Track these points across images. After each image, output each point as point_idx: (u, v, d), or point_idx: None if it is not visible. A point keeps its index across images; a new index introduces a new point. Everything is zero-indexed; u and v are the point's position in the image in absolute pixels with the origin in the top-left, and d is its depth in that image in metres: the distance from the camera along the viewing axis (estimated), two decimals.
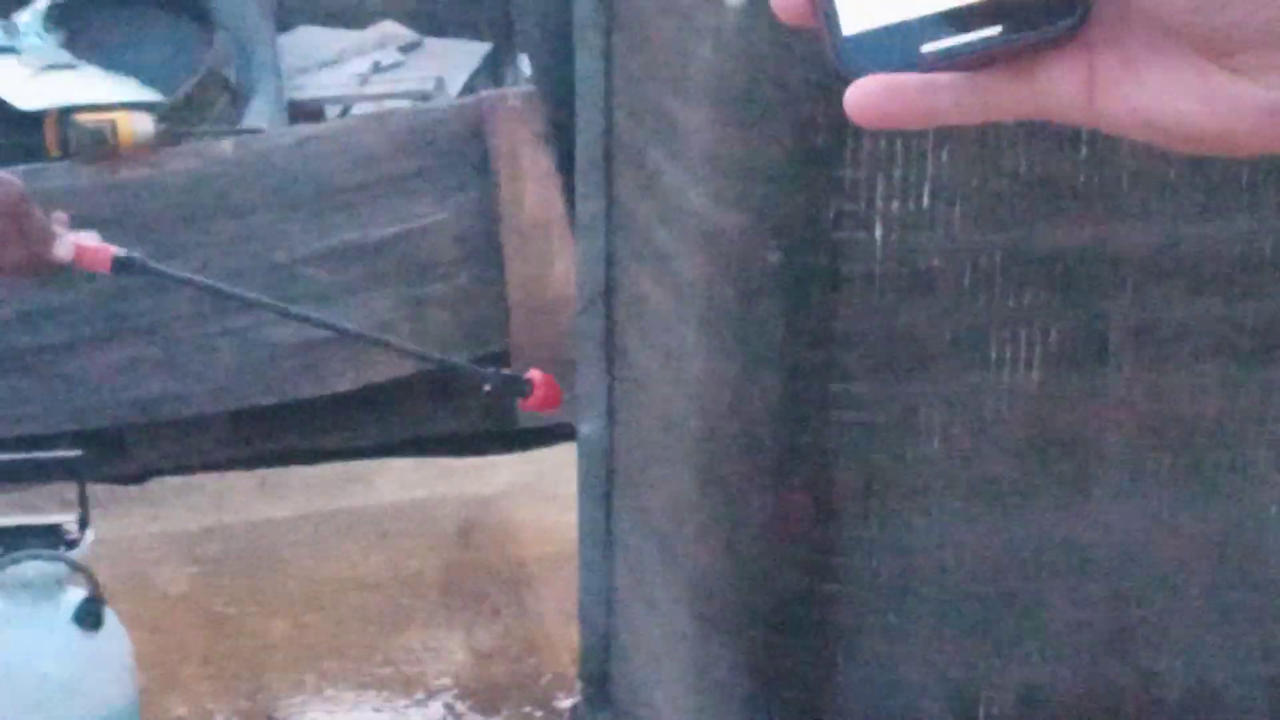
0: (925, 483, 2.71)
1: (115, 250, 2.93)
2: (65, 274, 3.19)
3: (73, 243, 2.92)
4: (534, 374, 2.89)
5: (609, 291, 3.11)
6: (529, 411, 4.25)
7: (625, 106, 3.01)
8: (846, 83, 0.84)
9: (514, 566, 3.96)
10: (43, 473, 3.18)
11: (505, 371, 3.01)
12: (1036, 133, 2.60)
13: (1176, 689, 2.82)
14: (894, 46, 0.83)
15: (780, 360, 2.67)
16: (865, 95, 0.83)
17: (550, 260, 4.25)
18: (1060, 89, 0.85)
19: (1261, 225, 2.69)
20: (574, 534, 3.36)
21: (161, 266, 3.06)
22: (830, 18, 0.85)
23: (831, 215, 2.62)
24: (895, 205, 2.61)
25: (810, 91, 2.58)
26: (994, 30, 0.82)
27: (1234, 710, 2.83)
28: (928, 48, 0.83)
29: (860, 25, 0.84)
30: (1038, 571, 2.75)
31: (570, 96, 3.14)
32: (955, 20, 0.83)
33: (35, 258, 2.89)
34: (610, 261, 3.11)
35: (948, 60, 0.82)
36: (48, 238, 2.89)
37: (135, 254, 2.95)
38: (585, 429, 3.24)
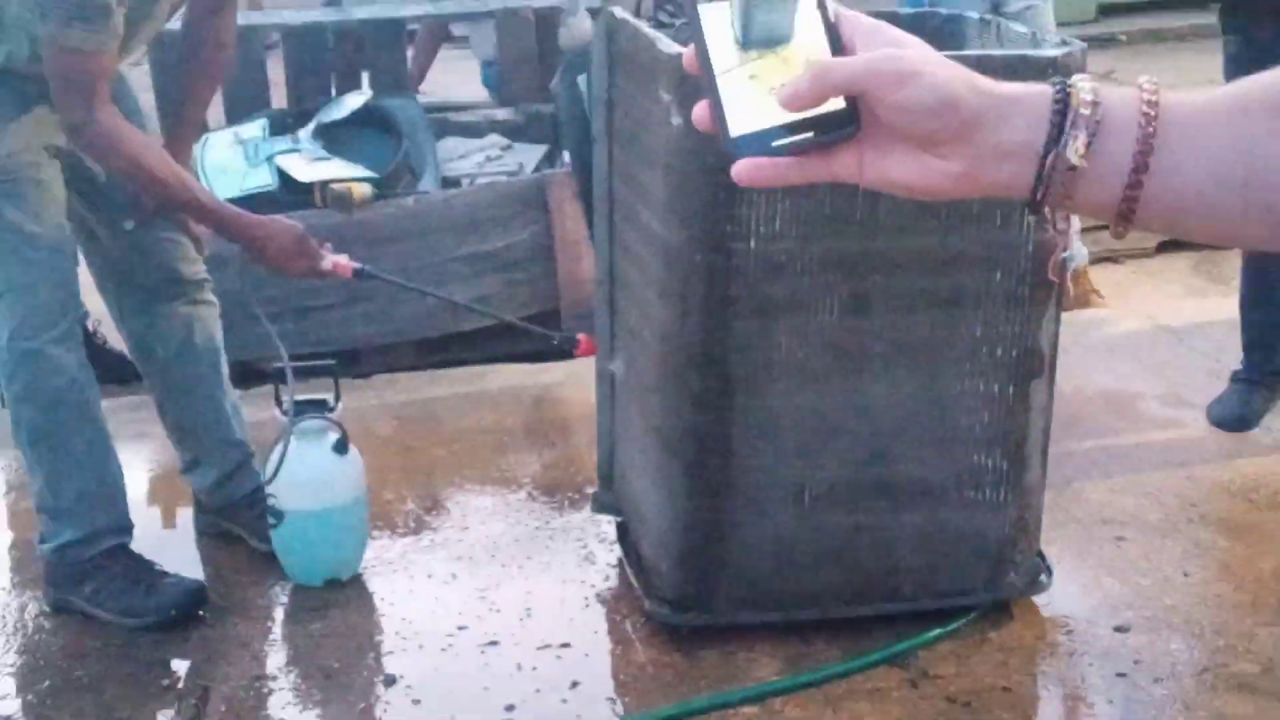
0: (780, 373, 2.73)
1: (355, 264, 2.98)
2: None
3: (332, 260, 2.97)
4: (581, 336, 2.89)
5: (612, 277, 3.12)
6: (572, 328, 4.28)
7: (619, 177, 3.03)
8: (733, 161, 0.87)
9: (563, 421, 4.00)
10: (315, 373, 3.19)
11: (565, 334, 3.01)
12: (838, 188, 2.62)
13: (904, 478, 2.84)
14: (759, 143, 0.87)
15: (703, 311, 2.69)
16: (745, 168, 0.87)
17: (581, 261, 4.27)
18: (844, 166, 0.88)
19: (957, 238, 2.70)
20: (594, 404, 3.37)
21: (381, 273, 3.10)
22: (723, 127, 0.88)
23: (728, 233, 2.64)
24: (762, 228, 2.64)
25: (716, 169, 2.59)
26: (809, 135, 0.87)
27: (935, 488, 2.84)
28: (776, 143, 0.87)
29: (740, 130, 0.87)
30: (835, 417, 2.78)
31: (590, 173, 3.14)
32: (789, 129, 0.86)
33: (310, 268, 2.97)
34: (612, 260, 3.12)
35: (787, 151, 0.87)
36: (318, 257, 2.95)
37: (367, 266, 3.00)
38: (599, 348, 3.23)
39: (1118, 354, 4.31)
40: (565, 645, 2.90)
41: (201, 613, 2.99)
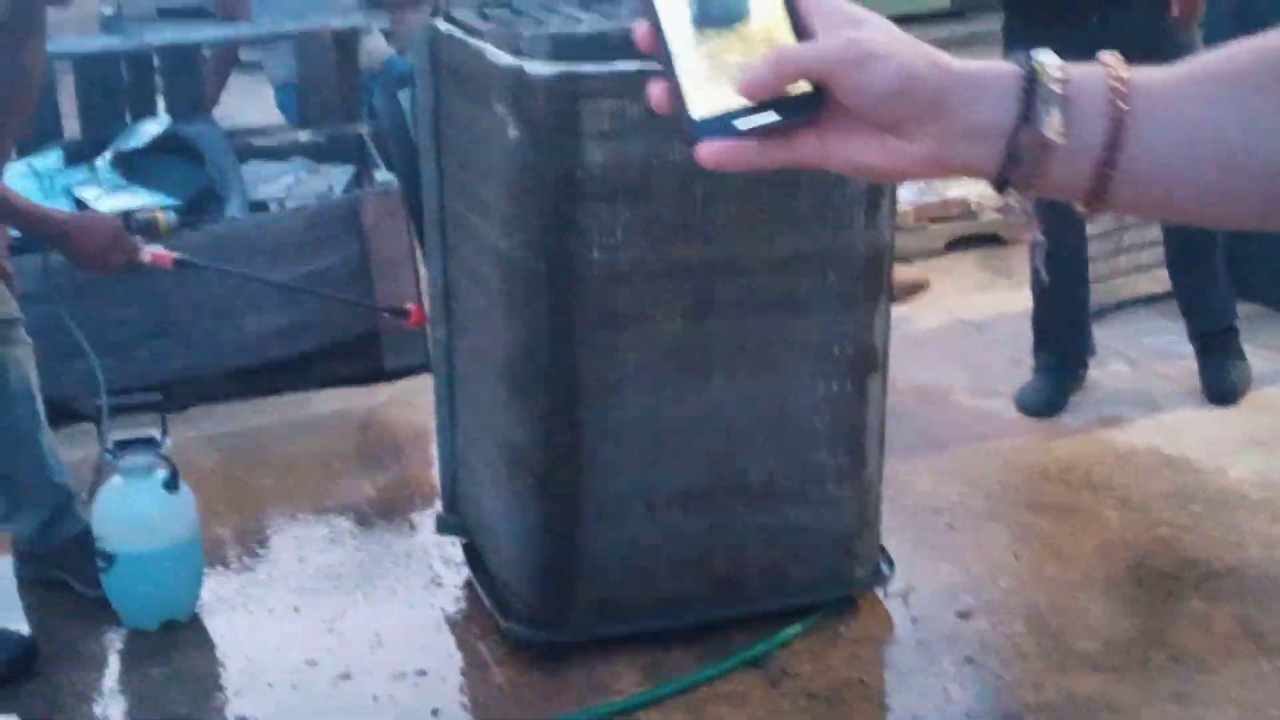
0: (627, 382, 2.66)
1: (175, 254, 2.83)
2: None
3: (149, 251, 2.85)
4: (411, 305, 2.80)
5: (447, 292, 3.02)
6: (393, 349, 4.12)
7: (453, 192, 2.92)
8: (693, 144, 0.81)
9: (393, 442, 3.84)
10: (137, 408, 3.01)
11: (395, 306, 2.88)
12: (675, 197, 2.57)
13: (751, 479, 2.80)
14: (721, 125, 0.81)
15: (548, 322, 2.61)
16: (707, 152, 0.81)
17: (398, 281, 4.10)
18: (807, 149, 0.83)
19: (792, 241, 2.67)
20: (424, 424, 3.26)
21: (203, 262, 2.95)
22: (683, 109, 0.82)
23: (571, 244, 2.56)
24: (604, 238, 2.57)
25: (555, 181, 2.53)
26: (774, 117, 0.81)
27: (781, 487, 2.80)
28: (739, 125, 0.81)
29: (701, 113, 0.81)
30: (683, 423, 2.72)
31: (419, 187, 3.03)
32: (751, 110, 0.81)
33: (129, 261, 2.86)
34: (447, 276, 3.01)
35: (750, 133, 0.81)
36: (135, 249, 2.87)
37: (188, 257, 2.85)
38: (437, 365, 3.13)
39: (924, 348, 4.36)
40: (421, 672, 2.76)
41: (33, 667, 2.77)
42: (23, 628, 2.90)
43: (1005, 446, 3.71)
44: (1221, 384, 3.90)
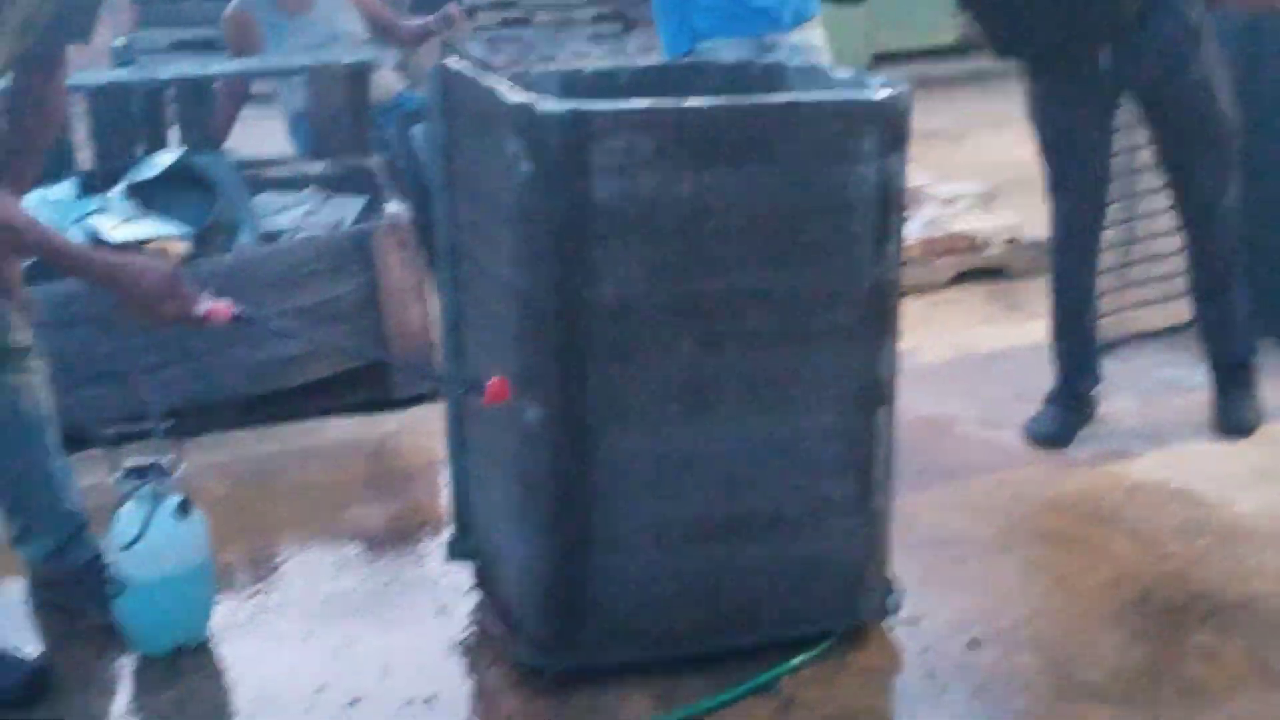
0: (636, 415, 2.68)
1: (235, 309, 2.72)
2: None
3: (209, 304, 2.71)
4: (493, 379, 2.66)
5: (457, 322, 3.05)
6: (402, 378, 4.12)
7: (464, 228, 2.94)
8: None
9: (404, 470, 3.87)
10: (153, 435, 3.01)
11: (474, 381, 2.73)
12: (689, 228, 2.60)
13: (760, 512, 2.81)
14: None
15: (557, 353, 2.62)
16: None
17: (407, 311, 4.14)
18: None
19: (800, 276, 2.70)
20: (434, 451, 3.27)
21: (262, 318, 2.84)
22: None
23: (580, 280, 2.59)
24: (614, 273, 2.59)
25: (566, 215, 2.56)
26: None
27: (790, 519, 2.82)
28: None
29: None
30: (692, 456, 2.73)
31: (431, 221, 3.06)
32: None
33: (184, 313, 2.67)
34: (458, 307, 3.04)
35: None
36: (191, 300, 2.68)
37: (247, 310, 2.74)
38: (449, 393, 3.14)
39: (931, 380, 4.39)
40: (430, 699, 2.78)
41: (45, 692, 2.80)
42: (34, 652, 2.93)
43: (1013, 478, 3.74)
44: (1236, 418, 3.91)
